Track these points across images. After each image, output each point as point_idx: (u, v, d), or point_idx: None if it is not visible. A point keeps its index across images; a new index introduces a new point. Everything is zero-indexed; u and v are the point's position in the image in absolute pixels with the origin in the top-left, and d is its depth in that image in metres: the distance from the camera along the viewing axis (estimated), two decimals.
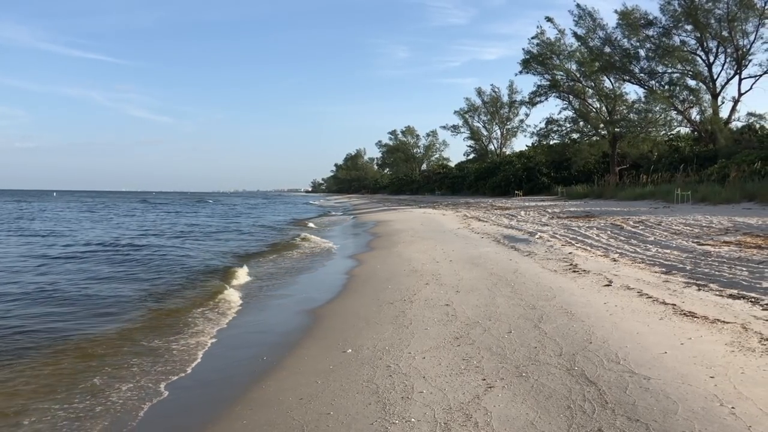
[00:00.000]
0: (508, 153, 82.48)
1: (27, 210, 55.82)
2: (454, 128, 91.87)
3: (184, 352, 7.35)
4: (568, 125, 54.26)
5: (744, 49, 42.85)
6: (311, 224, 34.70)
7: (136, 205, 76.52)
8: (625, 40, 47.64)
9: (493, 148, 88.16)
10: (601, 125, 51.09)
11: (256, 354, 7.16)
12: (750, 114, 44.89)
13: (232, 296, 11.01)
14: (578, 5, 48.14)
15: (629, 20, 45.96)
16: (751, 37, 42.55)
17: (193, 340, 7.90)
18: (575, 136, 54.25)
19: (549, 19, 51.31)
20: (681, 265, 10.70)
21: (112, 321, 9.10)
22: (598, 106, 52.18)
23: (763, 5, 40.69)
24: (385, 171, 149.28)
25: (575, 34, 49.44)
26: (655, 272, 10.41)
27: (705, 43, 44.55)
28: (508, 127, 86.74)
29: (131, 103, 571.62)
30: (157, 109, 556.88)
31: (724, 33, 42.81)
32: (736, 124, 44.98)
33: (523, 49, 53.49)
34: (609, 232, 16.65)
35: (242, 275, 13.57)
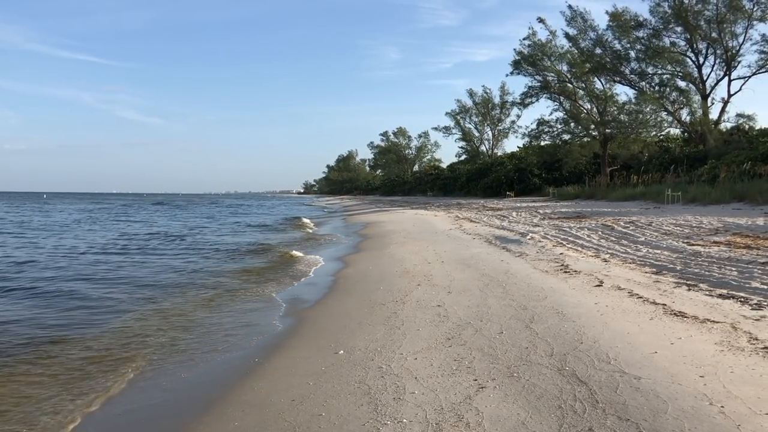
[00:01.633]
0: (499, 154, 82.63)
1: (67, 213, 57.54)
2: (446, 129, 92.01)
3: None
4: (560, 126, 54.47)
5: (733, 51, 43.14)
6: (307, 224, 34.69)
7: (156, 207, 78.89)
8: (616, 41, 47.90)
9: (484, 149, 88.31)
10: (592, 126, 51.30)
11: (248, 355, 7.15)
12: (739, 115, 45.32)
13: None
14: (570, 6, 48.38)
15: (620, 21, 46.17)
16: (740, 39, 42.89)
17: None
18: (566, 137, 54.43)
19: (541, 20, 51.56)
20: (671, 266, 10.76)
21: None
22: (589, 107, 52.41)
23: (752, 7, 41.00)
24: (377, 172, 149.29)
25: (567, 35, 49.70)
26: (646, 272, 10.46)
27: (695, 45, 44.82)
28: (500, 128, 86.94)
29: (121, 104, 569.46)
30: (146, 111, 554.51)
31: (714, 34, 43.08)
32: (725, 125, 45.31)
33: (515, 50, 53.75)
34: (600, 233, 16.72)
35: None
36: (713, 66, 44.84)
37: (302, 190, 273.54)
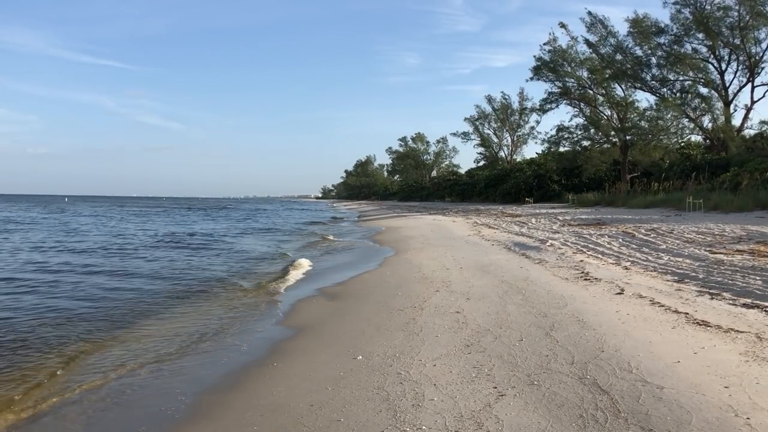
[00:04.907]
0: (518, 160, 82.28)
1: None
2: (465, 135, 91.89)
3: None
4: (579, 132, 54.19)
5: (756, 57, 42.61)
6: (325, 229, 34.83)
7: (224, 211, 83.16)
8: (637, 47, 47.56)
9: (503, 155, 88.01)
10: (612, 133, 50.95)
11: (266, 359, 7.16)
12: (763, 122, 44.44)
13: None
14: (590, 12, 48.14)
15: (640, 28, 45.84)
16: (764, 45, 42.31)
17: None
18: (586, 143, 54.13)
19: (563, 25, 51.26)
20: (693, 274, 10.62)
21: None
22: (609, 113, 52.03)
23: None
24: (395, 178, 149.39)
25: (587, 41, 49.42)
26: (668, 281, 10.34)
27: (717, 51, 44.32)
28: (519, 134, 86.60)
29: (142, 109, 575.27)
30: (167, 115, 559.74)
31: (736, 41, 42.58)
32: (748, 132, 44.69)
33: (535, 56, 53.56)
34: (620, 240, 16.56)
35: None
36: (736, 72, 44.34)
37: (320, 195, 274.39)
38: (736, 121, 44.33)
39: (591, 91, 52.13)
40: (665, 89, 47.33)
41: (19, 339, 8.22)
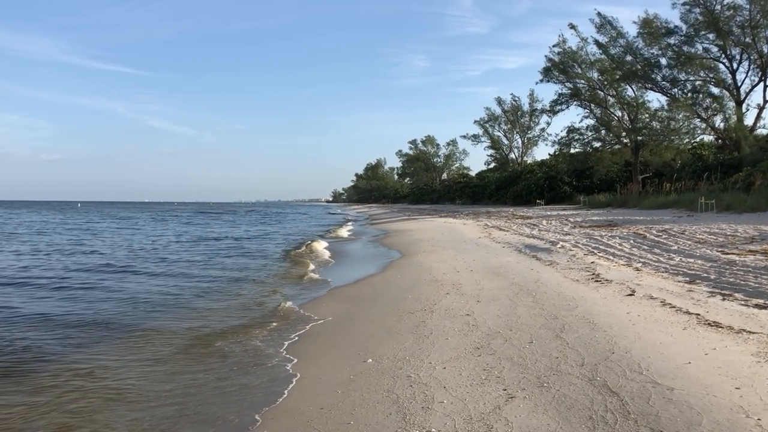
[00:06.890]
0: (529, 162, 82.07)
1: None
2: (475, 137, 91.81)
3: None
4: (590, 134, 54.01)
5: None
6: (339, 232, 34.97)
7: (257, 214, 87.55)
8: (647, 48, 47.32)
9: (514, 157, 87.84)
10: (623, 133, 50.72)
11: (277, 363, 7.19)
12: None
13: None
14: (599, 14, 47.99)
15: (650, 29, 45.62)
16: None
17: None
18: (597, 144, 53.95)
19: (572, 26, 51.09)
20: (705, 275, 10.56)
21: None
22: (620, 114, 51.81)
23: None
24: (406, 180, 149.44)
25: (597, 42, 49.27)
26: (679, 282, 10.28)
27: (728, 51, 44.01)
28: (529, 135, 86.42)
29: (152, 114, 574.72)
30: (177, 120, 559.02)
31: (747, 39, 42.28)
32: (761, 131, 44.29)
33: (545, 56, 53.41)
34: (632, 241, 16.49)
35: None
36: (747, 71, 43.97)
37: (330, 199, 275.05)
38: (749, 121, 43.96)
39: (601, 92, 51.94)
40: (676, 89, 47.05)
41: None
